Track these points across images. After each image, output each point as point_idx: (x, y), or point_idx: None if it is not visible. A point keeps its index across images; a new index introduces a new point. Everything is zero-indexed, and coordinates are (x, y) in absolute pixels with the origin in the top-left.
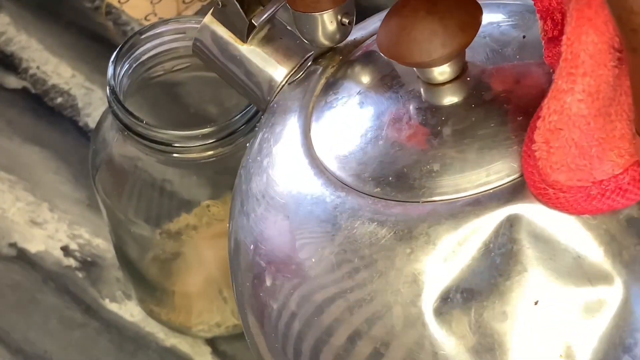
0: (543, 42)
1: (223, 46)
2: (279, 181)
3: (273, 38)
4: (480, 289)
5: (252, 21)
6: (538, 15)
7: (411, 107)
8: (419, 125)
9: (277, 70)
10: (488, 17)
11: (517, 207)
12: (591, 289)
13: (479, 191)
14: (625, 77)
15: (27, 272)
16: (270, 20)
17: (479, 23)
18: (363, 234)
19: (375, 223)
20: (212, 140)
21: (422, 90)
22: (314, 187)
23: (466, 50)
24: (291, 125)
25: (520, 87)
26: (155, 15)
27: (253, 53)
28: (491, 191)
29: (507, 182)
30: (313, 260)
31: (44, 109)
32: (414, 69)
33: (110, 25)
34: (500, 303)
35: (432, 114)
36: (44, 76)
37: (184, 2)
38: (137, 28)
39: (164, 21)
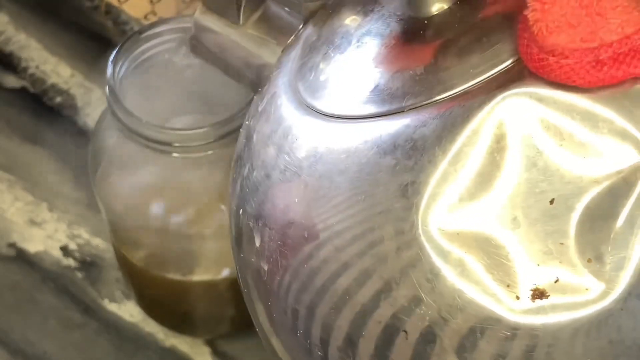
0: None
1: (219, 36)
2: (265, 129)
3: (267, 18)
4: (481, 192)
5: None
6: None
7: (395, 24)
8: (400, 36)
9: (273, 50)
10: None
11: (513, 93)
12: (613, 173)
13: (468, 85)
14: None
15: (26, 272)
16: (263, 1)
17: None
18: (344, 159)
19: (357, 143)
20: (212, 139)
21: (406, 4)
22: (297, 124)
23: None
24: (276, 81)
25: None
26: (155, 14)
27: (248, 36)
28: (483, 82)
29: (502, 69)
30: (296, 200)
31: (43, 109)
32: None
33: (110, 25)
34: (509, 207)
35: (413, 23)
36: (43, 75)
37: (183, 1)
38: (136, 27)
39: (164, 20)
